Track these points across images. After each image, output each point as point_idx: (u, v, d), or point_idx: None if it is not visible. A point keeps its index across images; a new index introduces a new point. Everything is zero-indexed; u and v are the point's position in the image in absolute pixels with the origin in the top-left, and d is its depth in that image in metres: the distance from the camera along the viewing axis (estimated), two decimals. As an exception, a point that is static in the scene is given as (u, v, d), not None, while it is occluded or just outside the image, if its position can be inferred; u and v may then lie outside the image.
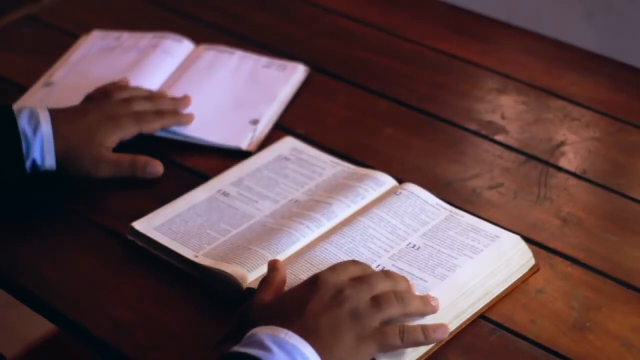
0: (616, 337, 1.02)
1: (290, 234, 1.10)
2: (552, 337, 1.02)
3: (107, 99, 1.26)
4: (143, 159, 1.22)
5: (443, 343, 1.01)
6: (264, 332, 0.92)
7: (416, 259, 1.07)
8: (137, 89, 1.31)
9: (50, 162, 1.18)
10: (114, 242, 1.15)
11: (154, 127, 1.26)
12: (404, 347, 0.97)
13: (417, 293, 1.02)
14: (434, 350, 1.00)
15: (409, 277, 1.05)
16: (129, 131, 1.23)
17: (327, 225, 1.12)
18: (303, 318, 0.94)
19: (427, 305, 1.00)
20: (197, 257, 1.09)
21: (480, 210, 1.17)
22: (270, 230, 1.12)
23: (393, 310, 0.97)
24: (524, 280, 1.08)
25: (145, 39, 1.45)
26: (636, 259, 1.11)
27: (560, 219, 1.16)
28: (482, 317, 1.04)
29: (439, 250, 1.08)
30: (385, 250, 1.09)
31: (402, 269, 1.06)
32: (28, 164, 1.17)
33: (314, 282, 0.97)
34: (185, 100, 1.31)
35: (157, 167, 1.22)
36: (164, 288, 1.09)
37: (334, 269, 0.99)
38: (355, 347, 0.94)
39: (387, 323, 0.96)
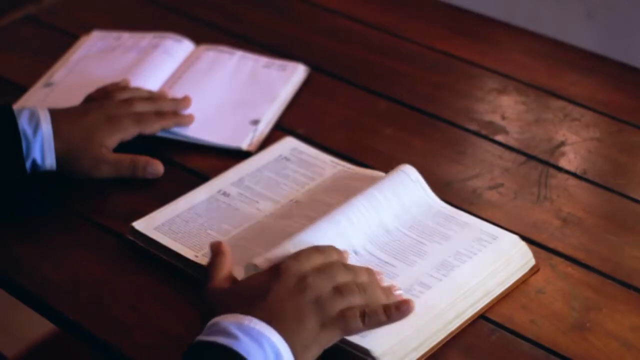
0: (616, 337, 1.02)
1: (290, 234, 1.10)
2: (552, 337, 1.02)
3: (108, 99, 1.26)
4: (143, 158, 1.22)
5: (443, 343, 1.01)
6: (227, 320, 0.93)
7: (416, 259, 1.07)
8: (137, 89, 1.31)
9: (50, 162, 1.18)
10: (114, 242, 1.15)
11: (154, 128, 1.26)
12: (367, 329, 0.97)
13: (385, 283, 1.02)
14: (434, 350, 1.00)
15: (408, 276, 1.05)
16: (129, 132, 1.23)
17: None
18: (266, 304, 0.94)
19: (390, 296, 1.00)
20: (197, 257, 1.09)
21: (480, 210, 1.17)
22: (270, 231, 1.12)
23: (354, 299, 0.97)
24: (523, 280, 1.08)
25: (145, 39, 1.45)
26: (636, 259, 1.11)
27: (560, 219, 1.16)
28: (482, 317, 1.04)
29: (439, 250, 1.08)
30: (385, 251, 1.09)
31: (402, 269, 1.06)
32: (28, 164, 1.17)
33: (276, 270, 0.98)
34: (185, 101, 1.31)
35: (157, 167, 1.22)
36: (164, 288, 1.09)
37: (297, 257, 0.99)
38: (319, 332, 0.95)
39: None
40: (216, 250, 1.03)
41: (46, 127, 1.18)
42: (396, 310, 0.98)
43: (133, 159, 1.22)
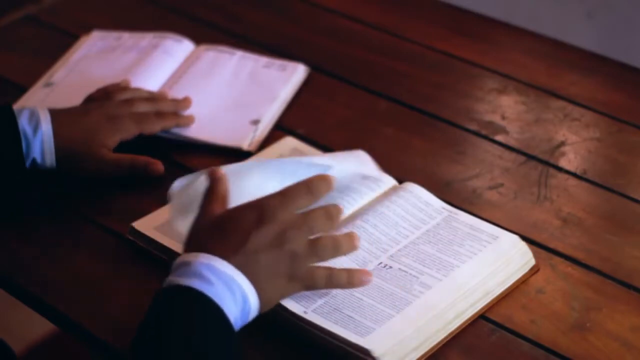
0: (616, 337, 1.02)
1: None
2: (552, 337, 1.02)
3: (108, 99, 1.26)
4: (143, 159, 1.22)
5: (443, 343, 1.01)
6: (199, 261, 0.95)
7: (416, 259, 1.07)
8: (138, 89, 1.31)
9: (50, 162, 1.18)
10: (114, 242, 1.15)
11: (154, 128, 1.26)
12: (326, 288, 1.02)
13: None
14: (434, 350, 1.00)
15: (407, 277, 1.05)
16: (129, 132, 1.23)
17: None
18: (244, 249, 0.97)
19: (353, 247, 1.02)
20: (197, 257, 1.09)
21: (480, 210, 1.17)
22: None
23: (327, 254, 1.00)
24: (523, 280, 1.08)
25: (145, 39, 1.45)
26: (636, 259, 1.11)
27: (560, 219, 1.16)
28: (482, 317, 1.04)
29: (439, 250, 1.08)
30: (384, 250, 1.09)
31: (400, 269, 1.06)
32: (27, 163, 1.17)
33: (261, 212, 0.99)
34: (185, 101, 1.31)
35: (157, 167, 1.22)
36: (164, 288, 1.09)
37: (283, 198, 1.00)
38: (285, 285, 0.99)
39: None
40: (214, 176, 1.05)
41: (46, 126, 1.18)
42: (358, 277, 1.01)
43: (133, 159, 1.22)
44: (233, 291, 0.94)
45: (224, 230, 0.99)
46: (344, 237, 1.02)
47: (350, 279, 1.01)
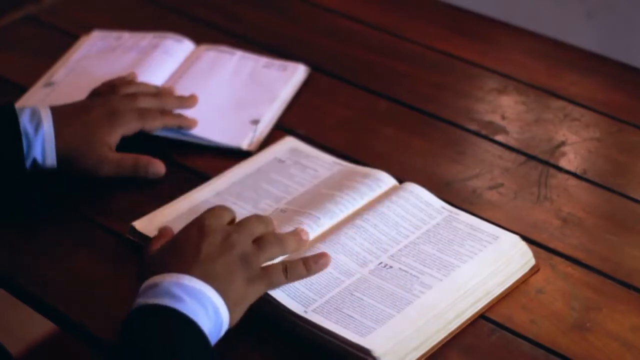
0: (616, 337, 1.02)
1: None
2: (552, 337, 1.02)
3: (112, 93, 1.26)
4: (145, 158, 1.22)
5: (443, 343, 1.01)
6: (167, 280, 0.96)
7: (416, 259, 1.08)
8: (143, 84, 1.31)
9: (51, 161, 1.18)
10: (114, 242, 1.15)
11: (155, 125, 1.25)
12: (289, 282, 1.03)
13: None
14: (434, 350, 1.00)
15: (408, 277, 1.05)
16: (130, 126, 1.23)
17: (328, 223, 1.12)
18: (200, 262, 0.98)
19: (300, 241, 1.07)
20: (197, 257, 1.10)
21: (480, 210, 1.17)
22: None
23: (274, 250, 1.03)
24: (523, 280, 1.08)
25: (145, 39, 1.45)
26: (636, 259, 1.11)
27: (560, 219, 1.16)
28: (482, 317, 1.04)
29: (439, 250, 1.08)
30: (385, 250, 1.09)
31: (401, 269, 1.06)
32: (28, 163, 1.17)
33: (200, 227, 1.02)
34: (191, 99, 1.31)
35: (159, 167, 1.22)
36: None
37: (213, 213, 1.04)
38: (246, 287, 1.00)
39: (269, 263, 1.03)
40: (161, 229, 1.09)
41: (47, 125, 1.17)
42: (314, 263, 1.04)
43: (135, 159, 1.22)
44: (205, 306, 0.95)
45: (175, 250, 1.01)
46: (289, 234, 1.06)
47: (309, 267, 1.03)
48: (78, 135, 1.19)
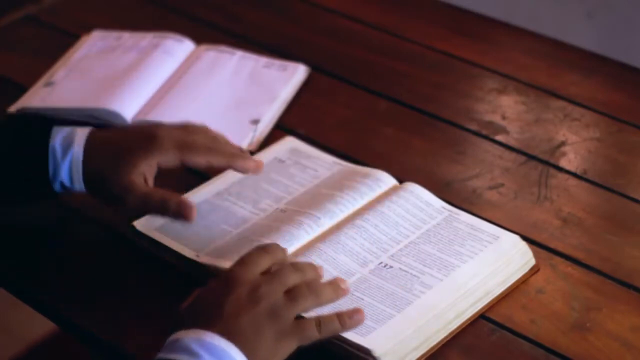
0: (616, 337, 1.02)
1: (290, 232, 1.10)
2: (552, 337, 1.02)
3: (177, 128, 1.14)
4: (175, 198, 1.09)
5: (443, 343, 1.01)
6: (188, 337, 0.91)
7: (416, 259, 1.08)
8: (213, 138, 1.16)
9: (79, 185, 1.11)
10: (114, 241, 1.15)
11: (198, 161, 1.12)
12: (322, 337, 0.97)
13: (325, 279, 1.02)
14: (434, 350, 1.00)
15: (408, 277, 1.05)
16: (167, 156, 1.10)
17: (328, 223, 1.12)
18: (224, 319, 0.93)
19: (338, 291, 0.99)
20: (198, 256, 1.09)
21: (480, 210, 1.17)
22: (271, 229, 1.12)
23: (307, 303, 0.97)
24: (523, 280, 1.08)
25: (145, 39, 1.45)
26: (636, 259, 1.11)
27: (560, 219, 1.16)
28: (482, 317, 1.04)
29: (439, 250, 1.09)
30: (385, 250, 1.09)
31: (401, 269, 1.06)
32: (57, 185, 1.11)
33: (227, 280, 0.96)
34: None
35: (190, 213, 1.09)
36: (165, 288, 1.09)
37: (244, 263, 0.98)
38: (276, 344, 0.94)
39: (302, 316, 0.97)
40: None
41: (77, 148, 1.09)
42: (349, 319, 0.98)
43: (164, 196, 1.09)
44: None
45: (199, 307, 0.96)
46: (326, 283, 0.99)
47: (343, 323, 0.97)
48: (108, 160, 1.10)
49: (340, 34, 1.51)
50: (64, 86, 1.36)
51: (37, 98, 1.34)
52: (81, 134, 1.11)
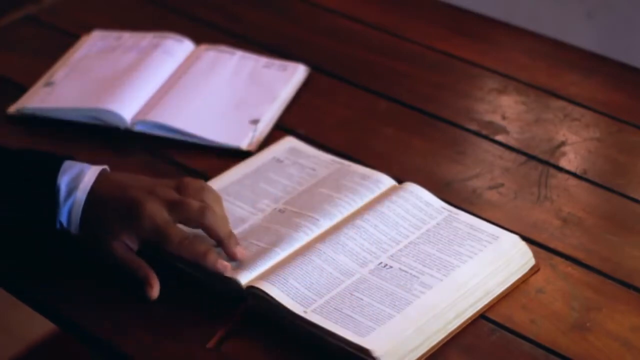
0: (616, 337, 1.02)
1: (289, 233, 1.10)
2: (552, 337, 1.02)
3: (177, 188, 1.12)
4: (143, 274, 1.08)
5: (443, 343, 1.01)
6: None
7: (416, 259, 1.08)
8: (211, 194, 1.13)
9: (75, 230, 1.09)
10: (114, 242, 1.15)
11: (171, 251, 1.08)
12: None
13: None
14: (434, 350, 1.00)
15: (408, 277, 1.05)
16: (146, 236, 1.08)
17: (326, 225, 1.12)
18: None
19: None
20: (197, 257, 1.09)
21: (480, 210, 1.17)
22: (270, 231, 1.12)
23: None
24: (523, 280, 1.08)
25: (145, 39, 1.45)
26: (636, 259, 1.11)
27: (560, 219, 1.16)
28: (482, 317, 1.04)
29: (439, 250, 1.09)
30: (385, 250, 1.09)
31: (401, 269, 1.06)
32: (57, 223, 1.10)
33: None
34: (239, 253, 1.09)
35: (152, 292, 1.07)
36: (165, 288, 1.08)
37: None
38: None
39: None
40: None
41: (80, 195, 1.08)
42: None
43: (137, 269, 1.08)
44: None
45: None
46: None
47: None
48: (100, 221, 1.09)
49: (340, 34, 1.51)
50: (64, 86, 1.36)
51: (37, 98, 1.34)
52: (88, 177, 1.09)
